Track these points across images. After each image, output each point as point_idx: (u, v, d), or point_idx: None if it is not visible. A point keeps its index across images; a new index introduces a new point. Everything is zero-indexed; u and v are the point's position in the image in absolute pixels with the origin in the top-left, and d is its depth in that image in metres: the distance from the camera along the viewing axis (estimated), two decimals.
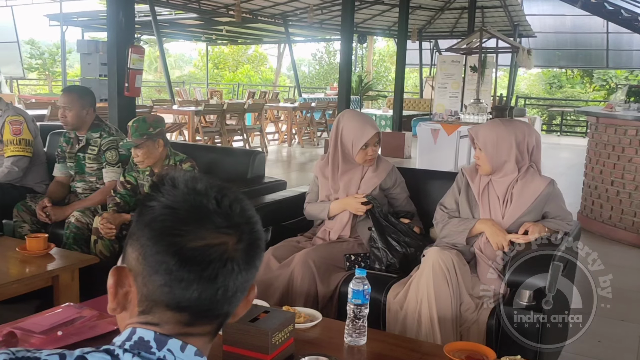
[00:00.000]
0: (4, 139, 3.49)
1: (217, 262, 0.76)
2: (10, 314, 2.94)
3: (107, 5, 4.87)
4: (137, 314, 0.78)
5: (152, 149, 3.06)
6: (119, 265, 0.81)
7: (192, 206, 0.77)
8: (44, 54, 26.83)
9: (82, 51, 15.92)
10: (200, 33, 18.47)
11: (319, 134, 11.87)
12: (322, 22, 15.21)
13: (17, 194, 3.43)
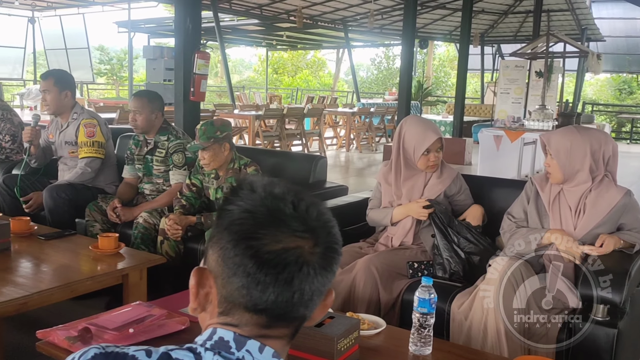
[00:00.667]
0: (79, 141, 3.64)
1: (293, 266, 0.77)
2: (82, 309, 3.06)
3: (175, 12, 5.02)
4: (217, 315, 0.80)
5: (218, 152, 3.12)
6: (200, 266, 0.83)
7: (269, 210, 0.78)
8: (112, 59, 27.89)
9: (148, 57, 16.51)
10: (261, 39, 18.76)
11: (377, 139, 11.82)
12: (382, 27, 15.17)
13: (90, 194, 3.57)
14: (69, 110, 3.72)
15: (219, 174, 3.23)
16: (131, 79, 17.52)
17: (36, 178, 3.80)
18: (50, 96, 3.62)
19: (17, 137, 4.17)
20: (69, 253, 2.80)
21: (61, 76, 3.72)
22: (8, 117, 4.15)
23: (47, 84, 3.62)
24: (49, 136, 3.83)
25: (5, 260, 2.62)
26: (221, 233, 0.79)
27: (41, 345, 1.81)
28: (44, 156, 3.83)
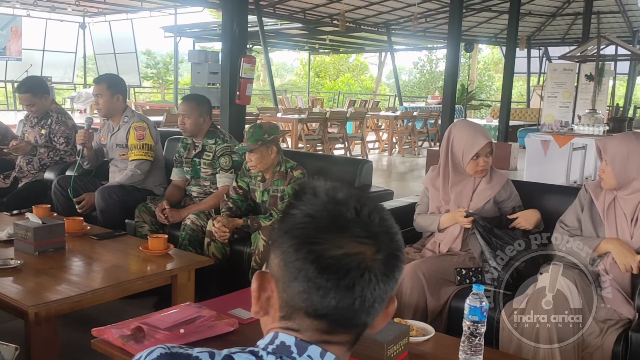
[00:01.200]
0: (129, 144, 3.73)
1: (355, 272, 0.76)
2: (131, 308, 3.13)
3: (222, 17, 5.10)
4: (279, 319, 0.81)
5: (265, 155, 3.15)
6: (262, 270, 0.83)
7: (331, 215, 0.78)
8: (159, 63, 28.52)
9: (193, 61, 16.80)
10: (304, 42, 18.87)
11: (419, 143, 11.72)
12: (425, 30, 15.05)
13: (139, 196, 3.65)
14: (120, 114, 3.81)
15: (266, 177, 3.26)
16: (176, 83, 17.88)
17: (88, 179, 3.91)
18: (103, 100, 3.72)
19: (71, 139, 4.29)
20: (120, 253, 2.87)
21: (113, 80, 3.83)
22: (62, 120, 4.28)
23: (100, 88, 3.72)
24: (100, 139, 3.93)
25: (60, 258, 2.70)
26: (283, 237, 0.79)
27: (96, 343, 1.86)
28: (96, 158, 3.93)
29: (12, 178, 4.33)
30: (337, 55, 28.27)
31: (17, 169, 4.33)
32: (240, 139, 4.01)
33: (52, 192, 3.86)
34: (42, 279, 2.44)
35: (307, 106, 15.65)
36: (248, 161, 3.20)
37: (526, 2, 12.03)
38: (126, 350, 1.78)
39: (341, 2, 10.98)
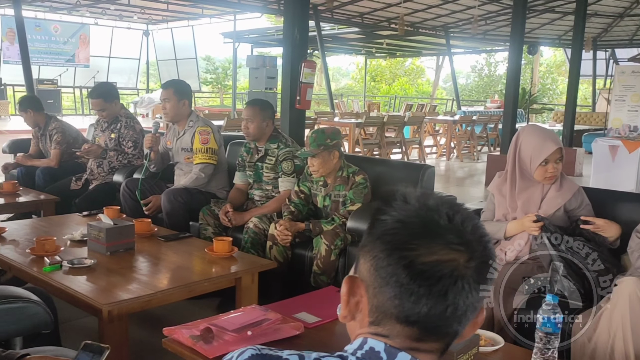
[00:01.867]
0: (194, 148, 3.82)
1: (448, 279, 0.76)
2: (195, 308, 3.20)
3: (284, 22, 5.16)
4: (368, 325, 0.80)
5: (328, 160, 3.16)
6: (351, 274, 0.84)
7: (423, 221, 0.78)
8: (218, 69, 29.11)
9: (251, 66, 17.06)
10: (361, 46, 18.86)
11: (479, 148, 11.50)
12: (485, 33, 14.78)
13: (203, 199, 3.73)
14: (186, 118, 3.91)
15: (327, 182, 3.27)
16: (234, 88, 18.19)
17: (154, 182, 4.03)
18: (170, 105, 3.83)
19: (139, 143, 4.44)
20: (186, 255, 2.94)
21: (180, 86, 3.93)
22: (131, 124, 4.43)
23: (168, 93, 3.83)
24: (167, 143, 4.05)
25: (129, 259, 2.80)
26: (374, 242, 0.79)
27: (167, 342, 1.90)
28: (162, 161, 4.05)
29: (83, 180, 4.51)
30: (394, 59, 28.11)
31: (88, 172, 4.51)
32: (300, 144, 4.05)
33: (121, 194, 4.00)
34: (113, 278, 2.53)
35: (363, 110, 15.62)
36: (310, 166, 3.22)
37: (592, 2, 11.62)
38: (196, 350, 1.82)
39: (400, 5, 10.92)
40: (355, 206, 3.12)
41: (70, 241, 2.98)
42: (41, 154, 5.08)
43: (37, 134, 5.07)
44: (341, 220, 3.10)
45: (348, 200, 3.17)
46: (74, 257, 2.68)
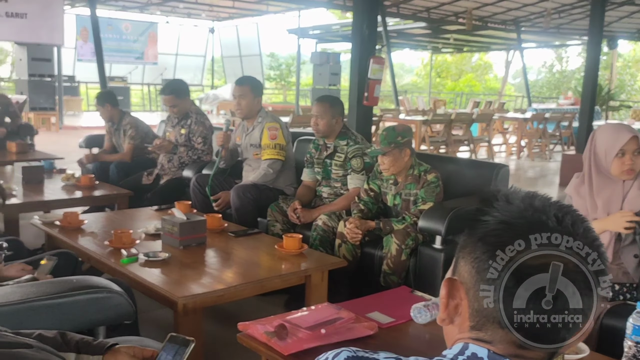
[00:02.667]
0: (262, 143, 3.84)
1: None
2: (263, 304, 3.22)
3: (353, 18, 5.12)
4: (468, 329, 0.77)
5: (399, 158, 3.10)
6: (450, 276, 0.81)
7: (529, 222, 0.74)
8: (281, 65, 29.40)
9: (315, 62, 17.14)
10: (427, 42, 18.60)
11: (551, 147, 11.08)
12: (559, 27, 14.24)
13: (271, 195, 3.74)
14: (256, 115, 3.94)
15: (398, 180, 3.21)
16: (298, 84, 18.31)
17: (224, 178, 4.08)
18: (245, 101, 3.86)
19: (208, 139, 4.51)
20: (256, 251, 2.96)
21: (256, 83, 3.96)
22: (201, 120, 4.51)
23: (244, 89, 3.86)
24: (236, 139, 4.09)
25: (201, 253, 2.84)
26: (475, 244, 0.76)
27: (241, 337, 1.91)
28: (232, 158, 4.09)
29: (154, 175, 4.63)
30: (460, 54, 27.56)
31: (159, 167, 4.63)
32: (367, 140, 4.01)
33: (191, 189, 4.07)
34: (187, 272, 2.57)
35: (428, 107, 15.39)
36: (380, 164, 3.17)
37: None
38: (270, 347, 1.81)
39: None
40: (426, 205, 3.05)
41: (145, 234, 3.05)
42: (115, 148, 5.24)
43: (110, 129, 5.24)
44: (412, 220, 3.04)
45: (419, 199, 3.10)
46: (149, 250, 2.74)
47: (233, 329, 2.00)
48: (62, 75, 13.64)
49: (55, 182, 4.35)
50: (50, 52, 11.83)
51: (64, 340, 1.29)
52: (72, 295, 1.68)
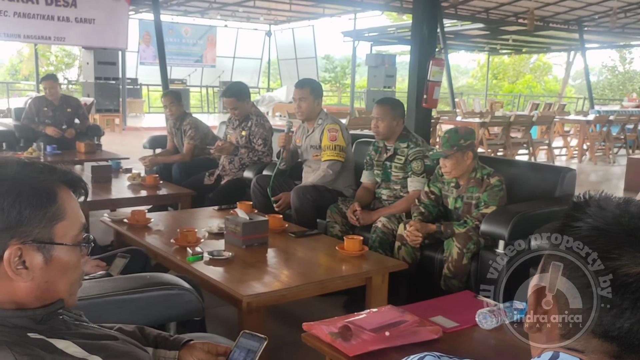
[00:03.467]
0: (322, 145, 3.87)
1: None
2: (322, 305, 3.24)
3: (412, 19, 5.10)
4: (558, 337, 0.76)
5: (461, 161, 3.07)
6: (537, 283, 0.80)
7: (627, 229, 0.72)
8: (336, 67, 29.46)
9: (370, 64, 17.12)
10: (484, 43, 18.26)
11: (615, 151, 10.68)
12: (624, 27, 13.72)
13: (331, 197, 3.77)
14: (316, 117, 3.98)
15: (460, 183, 3.17)
16: (353, 86, 18.34)
17: (283, 179, 4.13)
18: (306, 104, 3.91)
19: (268, 141, 4.58)
20: (317, 251, 2.98)
21: (315, 86, 4.01)
22: (261, 122, 4.58)
23: (304, 92, 3.91)
24: (296, 141, 4.14)
25: (263, 253, 2.89)
26: (566, 251, 0.75)
27: (306, 337, 1.93)
28: (292, 159, 4.14)
29: (215, 176, 4.73)
30: (518, 55, 26.93)
31: (220, 168, 4.72)
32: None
33: (251, 190, 4.14)
34: (250, 271, 2.62)
35: (484, 109, 15.10)
36: (442, 167, 3.14)
37: None
38: (335, 347, 1.83)
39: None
40: (489, 209, 3.00)
41: (208, 233, 3.12)
42: (177, 149, 5.39)
43: (172, 129, 5.39)
44: (474, 223, 3.00)
45: (482, 202, 3.06)
46: (212, 248, 2.81)
47: (294, 328, 2.03)
48: (125, 78, 14.11)
49: (121, 181, 4.52)
50: (115, 55, 12.29)
51: (142, 334, 1.34)
52: (146, 291, 1.74)
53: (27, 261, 0.97)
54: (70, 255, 1.03)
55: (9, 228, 0.95)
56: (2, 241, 0.95)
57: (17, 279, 0.97)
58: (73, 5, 7.42)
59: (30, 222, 0.97)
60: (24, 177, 0.99)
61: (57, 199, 1.00)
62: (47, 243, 0.99)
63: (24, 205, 0.96)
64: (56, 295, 1.03)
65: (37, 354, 0.92)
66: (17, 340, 0.94)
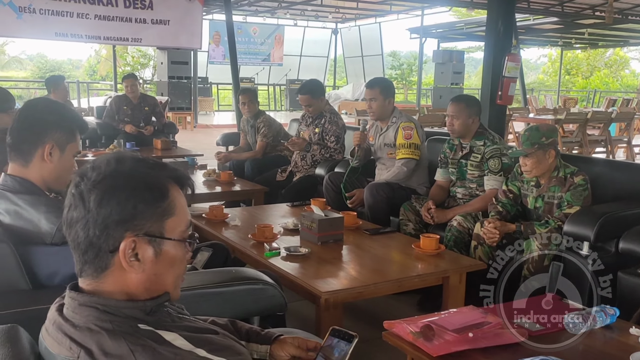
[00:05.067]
0: (397, 143, 3.85)
1: None
2: (396, 303, 3.23)
3: (487, 14, 4.98)
4: None
5: (542, 159, 2.97)
6: None
7: None
8: (403, 64, 29.19)
9: (437, 61, 16.87)
10: (557, 37, 17.62)
11: None
12: None
13: (404, 194, 3.74)
14: (389, 115, 3.96)
15: (540, 182, 3.07)
16: (419, 83, 18.11)
17: (356, 177, 4.13)
18: (376, 104, 3.90)
19: (341, 138, 4.60)
20: (393, 249, 2.97)
21: (386, 85, 4.00)
22: (334, 120, 4.60)
23: (374, 92, 3.90)
24: (369, 139, 4.13)
25: (339, 250, 2.90)
26: None
27: (387, 335, 1.93)
28: (364, 157, 4.14)
29: (287, 172, 4.79)
30: (594, 50, 25.81)
31: (293, 164, 4.78)
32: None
33: (324, 186, 4.16)
34: (326, 267, 2.64)
35: (557, 106, 14.57)
36: (522, 165, 3.05)
37: None
38: (417, 347, 1.81)
39: None
40: (573, 209, 2.90)
41: (284, 229, 3.17)
42: (249, 146, 5.48)
43: (246, 127, 5.48)
44: (556, 224, 2.90)
45: (564, 202, 2.95)
46: (288, 244, 2.84)
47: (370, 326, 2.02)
48: (197, 77, 14.50)
49: (196, 177, 4.64)
50: (188, 55, 12.65)
51: (235, 327, 1.37)
52: (232, 285, 1.78)
53: (140, 253, 1.01)
54: (177, 250, 1.06)
55: (125, 221, 0.99)
56: (118, 233, 0.99)
57: (130, 271, 1.01)
58: (149, 7, 7.68)
59: (144, 216, 1.01)
60: (138, 173, 1.03)
61: (168, 195, 1.04)
62: (158, 237, 1.02)
63: (139, 200, 1.00)
64: (163, 288, 1.07)
65: (149, 345, 0.96)
66: (129, 330, 0.98)
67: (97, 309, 1.00)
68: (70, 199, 1.02)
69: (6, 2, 7.03)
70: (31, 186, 1.71)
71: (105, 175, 1.00)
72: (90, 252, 1.00)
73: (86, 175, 1.01)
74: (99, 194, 0.99)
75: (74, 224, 1.01)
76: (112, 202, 0.99)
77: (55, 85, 6.15)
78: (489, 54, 4.88)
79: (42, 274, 1.63)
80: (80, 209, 1.00)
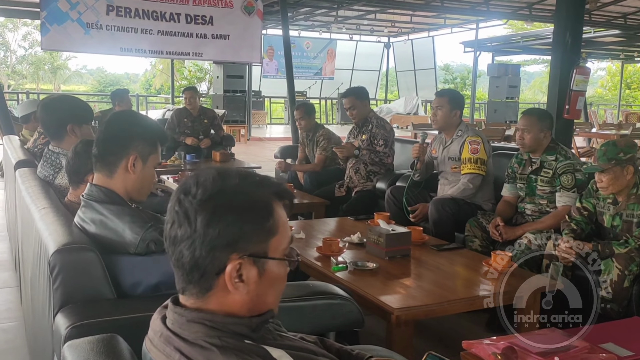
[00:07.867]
0: (462, 157, 3.77)
1: None
2: (464, 322, 3.14)
3: (554, 27, 4.87)
4: None
5: (620, 176, 2.85)
6: None
7: None
8: (456, 78, 28.86)
9: (492, 75, 16.60)
10: (619, 50, 17.07)
11: None
12: None
13: (470, 210, 3.65)
14: (455, 128, 3.89)
15: (618, 200, 2.95)
16: (473, 97, 17.85)
17: (418, 191, 4.07)
18: (442, 112, 3.84)
19: (389, 141, 4.65)
20: (462, 266, 2.89)
21: (454, 95, 3.93)
22: (381, 124, 4.65)
23: (441, 101, 3.85)
24: (432, 151, 4.06)
25: (407, 265, 2.84)
26: None
27: (466, 355, 1.86)
28: (426, 171, 4.08)
29: (345, 187, 4.76)
30: None
31: (348, 179, 4.74)
32: None
33: (385, 201, 4.11)
34: (395, 283, 2.59)
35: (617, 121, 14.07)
36: (598, 182, 2.94)
37: None
38: None
39: None
40: None
41: (349, 243, 3.13)
42: (308, 159, 5.50)
43: (304, 140, 5.50)
44: (637, 243, 2.76)
45: None
46: (354, 258, 2.81)
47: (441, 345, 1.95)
48: (251, 91, 14.72)
49: None
50: (243, 69, 12.86)
51: (324, 345, 1.33)
52: (311, 300, 1.76)
53: (244, 275, 0.99)
54: (280, 269, 1.04)
55: (232, 243, 0.97)
56: (225, 255, 0.97)
57: (235, 292, 0.99)
58: (210, 22, 7.85)
59: (250, 238, 0.98)
60: (244, 191, 1.00)
61: (273, 213, 1.01)
62: (262, 257, 1.00)
63: (245, 221, 0.98)
64: (265, 307, 1.05)
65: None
66: (238, 346, 0.96)
67: (205, 325, 0.98)
68: (174, 215, 0.99)
69: (75, 19, 7.32)
70: (115, 196, 1.74)
71: (212, 194, 0.98)
72: (196, 273, 0.98)
73: (190, 192, 0.99)
74: (207, 215, 0.96)
75: (179, 242, 0.98)
76: (220, 224, 0.96)
77: (120, 98, 6.35)
78: (556, 66, 4.76)
79: (125, 283, 1.65)
80: (185, 228, 0.97)
